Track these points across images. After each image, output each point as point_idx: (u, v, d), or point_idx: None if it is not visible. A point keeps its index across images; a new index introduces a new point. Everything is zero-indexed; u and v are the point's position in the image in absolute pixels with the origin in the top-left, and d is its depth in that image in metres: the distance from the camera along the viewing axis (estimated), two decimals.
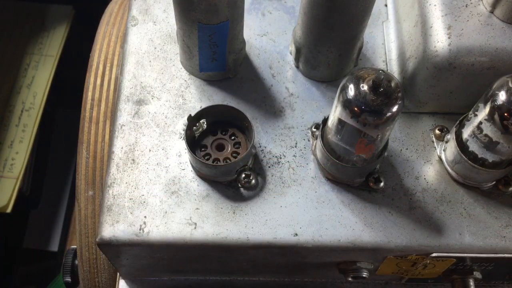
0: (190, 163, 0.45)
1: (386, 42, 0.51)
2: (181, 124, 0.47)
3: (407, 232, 0.42)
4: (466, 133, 0.42)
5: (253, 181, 0.44)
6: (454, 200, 0.44)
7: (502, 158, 0.41)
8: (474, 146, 0.41)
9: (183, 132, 0.45)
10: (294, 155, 0.46)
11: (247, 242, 0.42)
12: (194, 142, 0.44)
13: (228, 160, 0.44)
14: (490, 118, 0.38)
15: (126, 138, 0.46)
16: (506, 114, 0.37)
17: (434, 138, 0.47)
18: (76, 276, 0.56)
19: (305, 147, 0.46)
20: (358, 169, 0.42)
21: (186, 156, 0.45)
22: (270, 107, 0.48)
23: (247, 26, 0.49)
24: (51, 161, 1.02)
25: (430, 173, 0.45)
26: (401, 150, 0.46)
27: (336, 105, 0.38)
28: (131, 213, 0.42)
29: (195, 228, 0.42)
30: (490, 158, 0.41)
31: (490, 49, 0.41)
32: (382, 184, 0.44)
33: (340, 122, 0.38)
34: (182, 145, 0.46)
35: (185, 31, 0.44)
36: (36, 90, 0.92)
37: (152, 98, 0.48)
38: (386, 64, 0.50)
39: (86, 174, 0.53)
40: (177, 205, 0.43)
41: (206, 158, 0.44)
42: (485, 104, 0.38)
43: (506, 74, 0.38)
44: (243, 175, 0.43)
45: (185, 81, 0.49)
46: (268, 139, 0.46)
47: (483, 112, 0.39)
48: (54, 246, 0.98)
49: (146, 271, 0.50)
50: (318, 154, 0.44)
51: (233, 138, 0.45)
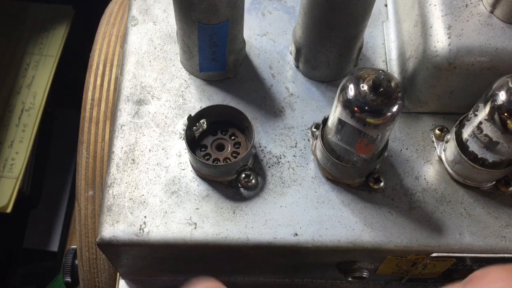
0: (190, 163, 0.45)
1: (386, 42, 0.51)
2: (181, 124, 0.47)
3: (407, 232, 0.42)
4: (466, 133, 0.42)
5: (253, 181, 0.44)
6: (454, 200, 0.44)
7: (502, 158, 0.41)
8: (474, 146, 0.41)
9: (183, 132, 0.45)
10: (294, 155, 0.46)
11: (247, 242, 0.42)
12: (194, 142, 0.44)
13: (228, 160, 0.44)
14: (490, 118, 0.38)
15: (126, 138, 0.46)
16: (506, 114, 0.37)
17: (434, 138, 0.47)
18: (76, 276, 0.56)
19: (305, 147, 0.46)
20: (358, 169, 0.42)
21: (186, 156, 0.45)
22: (270, 107, 0.48)
23: (247, 26, 0.49)
24: (51, 161, 1.02)
25: (430, 173, 0.45)
26: (401, 150, 0.46)
27: (336, 105, 0.38)
28: (131, 213, 0.42)
29: (195, 228, 0.42)
30: (490, 158, 0.41)
31: (490, 49, 0.41)
32: (382, 184, 0.44)
33: (340, 122, 0.38)
34: (182, 145, 0.46)
35: (185, 31, 0.44)
36: (36, 90, 0.92)
37: (152, 98, 0.48)
38: (386, 64, 0.50)
39: (86, 174, 0.53)
40: (177, 205, 0.43)
41: (206, 158, 0.44)
42: (485, 104, 0.38)
43: (506, 74, 0.38)
44: (243, 175, 0.43)
45: (185, 81, 0.49)
46: (268, 139, 0.46)
47: (483, 112, 0.39)
48: (54, 246, 0.98)
49: (146, 271, 0.50)
50: (318, 154, 0.44)
51: (233, 138, 0.45)
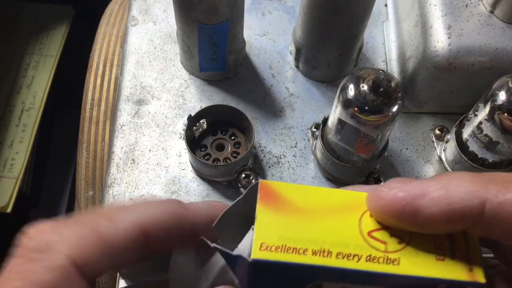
0: (190, 163, 0.45)
1: (386, 42, 0.51)
2: (181, 124, 0.47)
3: None
4: (466, 133, 0.42)
5: (253, 181, 0.44)
6: None
7: (502, 158, 0.41)
8: (474, 146, 0.41)
9: (183, 132, 0.45)
10: (294, 155, 0.46)
11: None
12: (194, 142, 0.44)
13: (228, 160, 0.44)
14: (490, 118, 0.38)
15: (126, 138, 0.46)
16: (506, 114, 0.37)
17: (434, 138, 0.47)
18: None
19: (305, 147, 0.46)
20: (358, 169, 0.42)
21: (186, 156, 0.45)
22: (270, 107, 0.48)
23: (247, 26, 0.49)
24: (51, 161, 1.02)
25: (430, 173, 0.45)
26: (401, 150, 0.46)
27: (336, 105, 0.38)
28: None
29: None
30: (490, 158, 0.41)
31: (490, 49, 0.41)
32: (382, 184, 0.44)
33: (340, 122, 0.38)
34: (182, 145, 0.46)
35: (185, 31, 0.44)
36: (36, 90, 0.92)
37: (152, 98, 0.48)
38: (386, 64, 0.50)
39: (86, 174, 0.53)
40: None
41: (206, 158, 0.44)
42: (485, 104, 0.38)
43: (506, 74, 0.38)
44: (243, 175, 0.43)
45: (185, 81, 0.49)
46: (268, 139, 0.46)
47: (483, 112, 0.39)
48: None
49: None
50: (318, 154, 0.44)
51: (233, 138, 0.45)
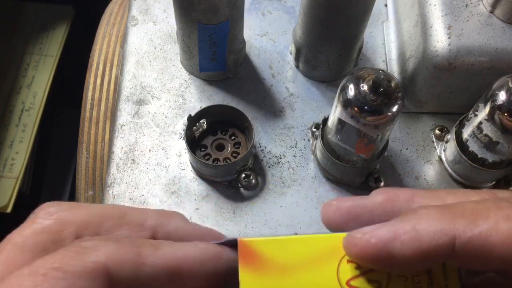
0: (190, 163, 0.45)
1: (386, 42, 0.51)
2: (181, 124, 0.47)
3: None
4: (466, 133, 0.42)
5: (253, 181, 0.44)
6: None
7: (502, 158, 0.41)
8: (474, 146, 0.41)
9: (183, 132, 0.45)
10: (294, 155, 0.46)
11: None
12: (194, 142, 0.44)
13: (228, 160, 0.44)
14: (490, 118, 0.38)
15: (126, 138, 0.46)
16: (506, 114, 0.37)
17: (434, 138, 0.47)
18: None
19: (305, 147, 0.46)
20: (358, 169, 0.42)
21: (186, 156, 0.45)
22: (270, 107, 0.48)
23: (247, 26, 0.49)
24: (51, 161, 1.02)
25: (430, 173, 0.45)
26: (401, 150, 0.46)
27: (336, 105, 0.38)
28: None
29: None
30: (490, 158, 0.41)
31: (490, 49, 0.41)
32: (382, 184, 0.44)
33: (340, 122, 0.38)
34: (182, 145, 0.46)
35: (185, 31, 0.44)
36: (36, 90, 0.92)
37: (152, 98, 0.48)
38: (386, 64, 0.50)
39: (86, 174, 0.52)
40: (177, 205, 0.43)
41: (206, 158, 0.44)
42: (485, 104, 0.38)
43: (506, 74, 0.38)
44: (243, 175, 0.43)
45: (185, 81, 0.49)
46: (268, 139, 0.46)
47: (483, 112, 0.39)
48: None
49: None
50: (318, 154, 0.44)
51: (233, 138, 0.45)
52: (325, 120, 0.42)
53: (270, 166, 0.45)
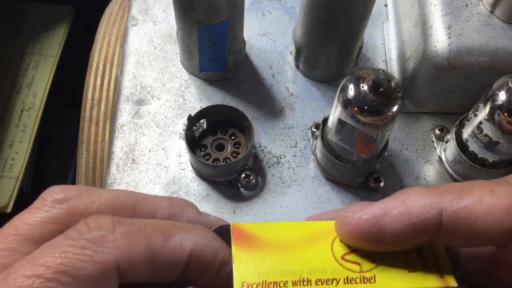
0: (190, 163, 0.45)
1: (386, 42, 0.51)
2: (181, 124, 0.47)
3: None
4: (466, 133, 0.42)
5: (253, 181, 0.44)
6: None
7: (502, 158, 0.41)
8: (474, 146, 0.41)
9: (183, 132, 0.45)
10: (294, 155, 0.46)
11: None
12: (194, 142, 0.44)
13: (228, 160, 0.44)
14: (490, 118, 0.38)
15: (126, 138, 0.46)
16: (506, 114, 0.37)
17: (434, 138, 0.47)
18: None
19: (305, 147, 0.46)
20: (358, 169, 0.42)
21: (186, 156, 0.45)
22: (270, 107, 0.48)
23: (247, 26, 0.49)
24: (51, 161, 1.02)
25: (430, 173, 0.45)
26: (401, 150, 0.46)
27: (336, 105, 0.38)
28: None
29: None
30: (490, 158, 0.41)
31: (490, 49, 0.41)
32: (382, 184, 0.44)
33: (340, 122, 0.38)
34: (182, 145, 0.46)
35: (185, 31, 0.44)
36: (36, 90, 0.92)
37: (152, 98, 0.48)
38: (386, 64, 0.50)
39: (86, 174, 0.52)
40: None
41: (206, 158, 0.44)
42: (485, 104, 0.38)
43: (506, 74, 0.38)
44: (243, 175, 0.43)
45: (185, 81, 0.49)
46: (268, 139, 0.46)
47: (483, 112, 0.39)
48: None
49: None
50: (318, 154, 0.44)
51: (233, 138, 0.45)
52: (325, 120, 0.42)
53: (270, 166, 0.45)
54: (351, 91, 0.36)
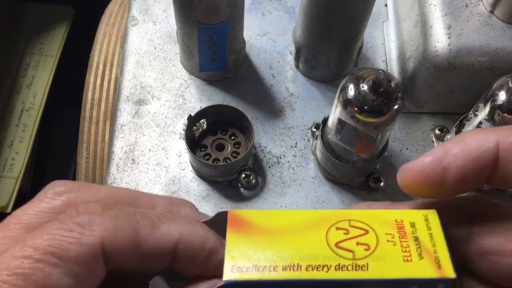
0: (190, 163, 0.45)
1: (386, 42, 0.51)
2: (181, 124, 0.47)
3: None
4: None
5: (253, 181, 0.44)
6: None
7: None
8: None
9: (183, 132, 0.45)
10: (294, 155, 0.46)
11: None
12: (194, 142, 0.44)
13: (228, 160, 0.44)
14: (490, 118, 0.38)
15: (126, 138, 0.46)
16: (506, 114, 0.37)
17: (434, 138, 0.47)
18: None
19: (305, 147, 0.46)
20: (358, 169, 0.42)
21: (186, 156, 0.45)
22: (270, 107, 0.48)
23: (247, 26, 0.49)
24: (51, 161, 1.02)
25: None
26: (401, 150, 0.46)
27: (336, 105, 0.38)
28: None
29: None
30: None
31: (490, 49, 0.41)
32: (382, 184, 0.44)
33: (340, 122, 0.38)
34: (182, 145, 0.46)
35: (185, 31, 0.44)
36: (36, 90, 0.92)
37: (152, 98, 0.48)
38: (386, 64, 0.50)
39: (86, 174, 0.52)
40: None
41: (206, 158, 0.44)
42: (485, 104, 0.38)
43: (506, 74, 0.38)
44: (243, 175, 0.43)
45: (185, 81, 0.49)
46: (268, 139, 0.46)
47: (483, 112, 0.39)
48: None
49: None
50: (318, 154, 0.44)
51: (233, 138, 0.45)
52: (325, 120, 0.42)
53: (270, 166, 0.45)
54: (351, 91, 0.36)
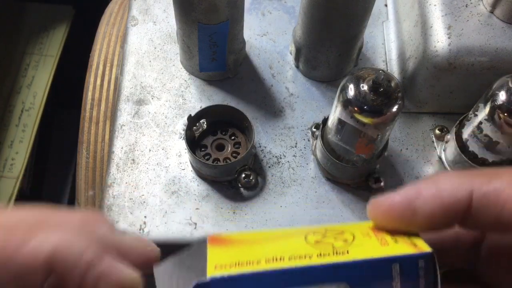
0: (190, 163, 0.45)
1: (386, 42, 0.51)
2: (181, 124, 0.47)
3: None
4: (466, 133, 0.42)
5: (253, 181, 0.44)
6: None
7: (502, 158, 0.41)
8: (474, 146, 0.41)
9: (183, 132, 0.45)
10: (294, 155, 0.46)
11: None
12: (194, 142, 0.44)
13: (228, 160, 0.44)
14: (490, 118, 0.38)
15: (126, 138, 0.46)
16: (506, 114, 0.37)
17: (434, 138, 0.47)
18: None
19: (305, 147, 0.46)
20: (358, 169, 0.42)
21: (186, 156, 0.45)
22: (270, 107, 0.48)
23: (247, 26, 0.49)
24: (51, 161, 1.02)
25: (430, 173, 0.45)
26: (401, 150, 0.46)
27: (336, 105, 0.38)
28: (131, 213, 0.42)
29: (195, 228, 0.42)
30: (490, 158, 0.41)
31: (490, 49, 0.41)
32: (382, 184, 0.44)
33: (340, 122, 0.38)
34: (182, 145, 0.46)
35: (185, 31, 0.44)
36: (36, 90, 0.92)
37: (152, 98, 0.48)
38: (386, 64, 0.50)
39: (86, 174, 0.52)
40: (177, 205, 0.43)
41: (206, 158, 0.44)
42: (485, 104, 0.38)
43: (506, 74, 0.38)
44: (243, 175, 0.43)
45: (185, 81, 0.49)
46: (268, 139, 0.46)
47: (483, 112, 0.39)
48: None
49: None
50: (318, 154, 0.44)
51: (233, 138, 0.45)
52: (325, 120, 0.42)
53: (270, 166, 0.45)
54: (351, 91, 0.36)
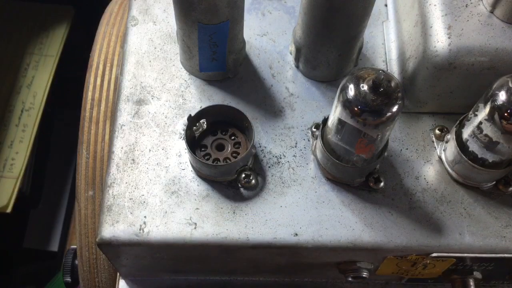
0: (190, 163, 0.45)
1: (386, 42, 0.51)
2: (181, 124, 0.47)
3: (407, 232, 0.42)
4: (466, 133, 0.42)
5: (253, 181, 0.44)
6: (454, 200, 0.44)
7: (502, 158, 0.41)
8: (474, 146, 0.41)
9: (183, 132, 0.45)
10: (294, 155, 0.46)
11: (247, 242, 0.42)
12: (194, 142, 0.44)
13: (228, 160, 0.44)
14: (490, 118, 0.38)
15: (126, 138, 0.46)
16: (506, 114, 0.37)
17: (434, 138, 0.47)
18: (76, 276, 0.56)
19: (305, 147, 0.46)
20: (358, 169, 0.42)
21: (186, 156, 0.45)
22: (270, 107, 0.48)
23: (247, 26, 0.49)
24: (51, 161, 1.02)
25: (430, 173, 0.45)
26: (401, 150, 0.46)
27: (336, 105, 0.38)
28: (131, 213, 0.42)
29: (195, 228, 0.42)
30: (490, 158, 0.41)
31: (490, 49, 0.41)
32: (382, 184, 0.44)
33: (340, 122, 0.38)
34: (182, 145, 0.46)
35: (185, 31, 0.44)
36: (36, 90, 0.92)
37: (152, 98, 0.48)
38: (386, 64, 0.50)
39: (86, 174, 0.53)
40: (177, 205, 0.43)
41: (206, 158, 0.44)
42: (485, 104, 0.38)
43: (506, 74, 0.38)
44: (243, 175, 0.43)
45: (185, 81, 0.49)
46: (268, 139, 0.46)
47: (483, 112, 0.39)
48: (54, 246, 0.98)
49: (146, 271, 0.50)
50: (318, 154, 0.44)
51: (233, 138, 0.45)
52: (325, 120, 0.42)
53: (270, 166, 0.45)
54: (351, 91, 0.36)
